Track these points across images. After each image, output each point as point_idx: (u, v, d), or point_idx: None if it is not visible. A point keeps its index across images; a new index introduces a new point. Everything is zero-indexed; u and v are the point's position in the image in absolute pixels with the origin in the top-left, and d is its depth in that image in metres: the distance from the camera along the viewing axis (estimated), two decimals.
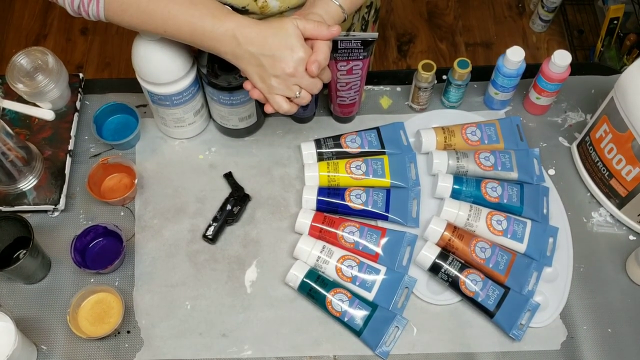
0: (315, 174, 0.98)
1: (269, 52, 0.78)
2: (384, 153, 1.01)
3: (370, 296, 0.90)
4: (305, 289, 0.90)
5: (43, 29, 2.22)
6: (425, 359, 0.88)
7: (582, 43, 2.14)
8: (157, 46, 0.87)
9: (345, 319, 0.88)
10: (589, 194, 1.01)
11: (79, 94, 1.06)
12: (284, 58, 0.78)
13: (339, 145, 1.01)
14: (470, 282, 0.89)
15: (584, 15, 2.19)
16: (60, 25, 2.23)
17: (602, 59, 1.98)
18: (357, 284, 0.90)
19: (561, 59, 0.96)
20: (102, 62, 2.16)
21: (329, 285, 0.89)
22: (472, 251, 0.91)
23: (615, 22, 1.90)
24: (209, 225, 0.96)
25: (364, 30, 1.13)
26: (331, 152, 1.00)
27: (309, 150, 1.00)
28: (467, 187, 0.96)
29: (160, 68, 0.89)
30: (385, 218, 0.96)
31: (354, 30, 1.10)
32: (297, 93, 0.81)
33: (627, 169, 0.91)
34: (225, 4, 0.85)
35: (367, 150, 1.01)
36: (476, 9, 2.27)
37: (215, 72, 0.89)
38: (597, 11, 2.14)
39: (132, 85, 1.05)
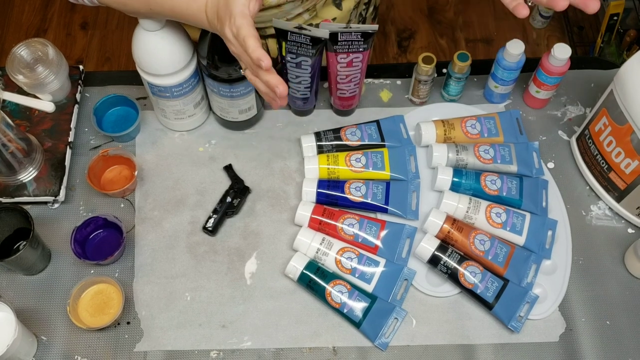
0: (315, 167, 0.98)
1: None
2: (383, 146, 1.01)
3: (369, 288, 0.90)
4: (304, 281, 0.90)
5: (43, 24, 2.22)
6: (425, 351, 0.89)
7: (582, 39, 2.14)
8: (157, 37, 0.87)
9: (345, 311, 0.88)
10: (588, 187, 1.01)
11: (79, 86, 1.06)
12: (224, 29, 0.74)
13: (339, 138, 1.01)
14: (469, 274, 0.89)
15: (584, 11, 2.18)
16: (60, 20, 2.23)
17: (602, 55, 1.98)
18: (357, 275, 0.90)
19: (561, 52, 0.96)
20: (102, 57, 2.16)
21: (329, 277, 0.90)
22: (471, 243, 0.91)
23: (615, 18, 1.90)
24: (209, 217, 0.96)
25: None
26: (331, 144, 1.01)
27: (309, 143, 1.00)
28: (466, 180, 0.96)
29: (160, 59, 0.89)
30: (384, 210, 0.96)
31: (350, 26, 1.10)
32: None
33: (626, 162, 0.91)
34: None
35: (367, 143, 1.01)
36: (476, 5, 2.27)
37: (215, 64, 0.89)
38: None
39: (132, 77, 1.05)
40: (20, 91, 1.02)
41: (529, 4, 0.73)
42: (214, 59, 0.89)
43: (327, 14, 1.04)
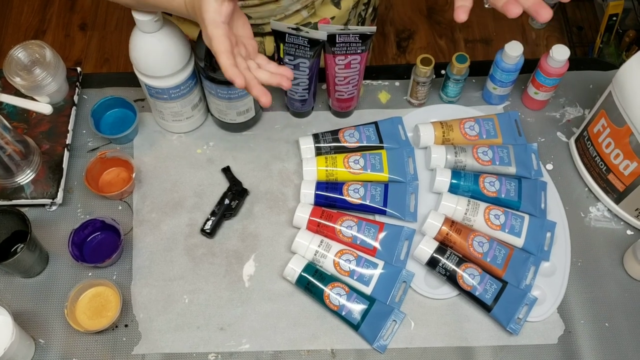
0: (313, 169, 0.98)
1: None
2: (382, 148, 1.01)
3: (368, 290, 0.90)
4: (303, 283, 0.90)
5: (42, 25, 2.22)
6: (423, 353, 0.89)
7: (582, 40, 2.14)
8: (154, 39, 0.87)
9: (343, 313, 0.88)
10: (586, 188, 1.01)
11: (76, 88, 1.06)
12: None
13: (337, 140, 1.01)
14: (468, 276, 0.89)
15: (583, 12, 2.18)
16: (59, 21, 2.23)
17: (601, 56, 1.97)
18: (355, 278, 0.90)
19: (559, 53, 0.96)
20: (100, 58, 2.15)
21: (327, 279, 0.89)
22: (469, 245, 0.91)
23: (615, 18, 1.89)
24: (207, 220, 0.96)
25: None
26: (329, 146, 1.00)
27: (307, 145, 1.00)
28: (465, 182, 0.96)
29: (157, 61, 0.89)
30: (383, 212, 0.96)
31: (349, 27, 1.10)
32: None
33: (624, 164, 0.91)
34: None
35: (365, 144, 1.01)
36: (475, 6, 2.26)
37: (213, 66, 0.89)
38: (597, 8, 2.14)
39: (130, 79, 1.05)
40: (18, 93, 1.02)
41: (486, 6, 0.73)
42: (212, 60, 0.88)
43: (326, 12, 1.04)
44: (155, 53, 0.88)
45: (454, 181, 0.96)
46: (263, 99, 0.70)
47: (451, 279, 0.89)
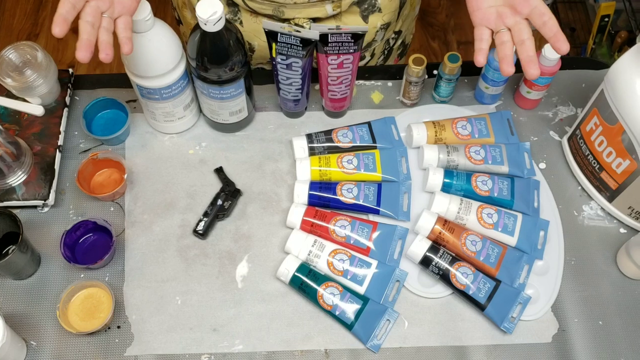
0: (306, 169, 0.98)
1: None
2: (375, 147, 1.01)
3: (361, 290, 0.90)
4: (296, 283, 0.89)
5: (34, 28, 2.21)
6: (417, 352, 0.88)
7: (574, 41, 2.14)
8: (145, 39, 0.86)
9: (337, 313, 0.88)
10: (579, 187, 1.01)
11: (68, 89, 1.05)
12: None
13: (331, 140, 1.00)
14: (461, 275, 0.88)
15: (576, 13, 2.19)
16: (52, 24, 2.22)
17: (593, 57, 1.98)
18: (349, 277, 0.90)
19: (552, 52, 0.96)
20: (93, 61, 2.14)
21: (320, 279, 0.89)
22: (462, 244, 0.91)
23: (607, 19, 1.90)
24: (200, 220, 0.96)
25: (386, 55, 1.12)
26: (323, 146, 1.00)
27: (301, 145, 1.00)
28: (457, 181, 0.96)
29: (148, 61, 0.89)
30: (376, 212, 0.95)
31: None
32: None
33: (617, 162, 0.91)
34: None
35: (358, 144, 1.01)
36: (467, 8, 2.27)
37: (205, 66, 0.89)
38: (589, 9, 2.15)
39: (122, 80, 1.05)
40: (9, 94, 1.02)
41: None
42: (203, 60, 0.88)
43: (352, 21, 1.01)
44: (146, 53, 0.88)
45: (446, 180, 0.96)
46: (78, 53, 0.74)
47: (444, 277, 0.89)
